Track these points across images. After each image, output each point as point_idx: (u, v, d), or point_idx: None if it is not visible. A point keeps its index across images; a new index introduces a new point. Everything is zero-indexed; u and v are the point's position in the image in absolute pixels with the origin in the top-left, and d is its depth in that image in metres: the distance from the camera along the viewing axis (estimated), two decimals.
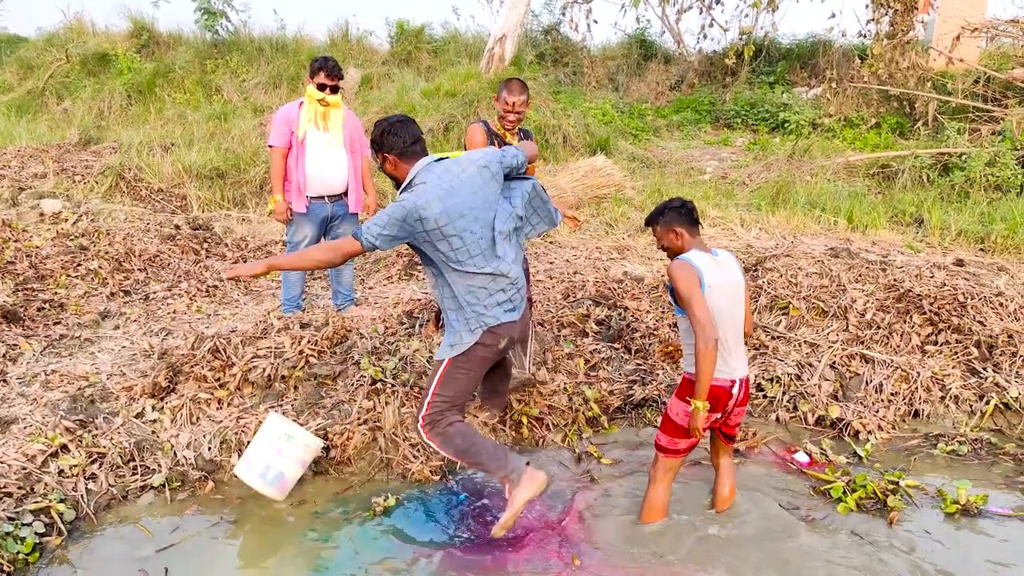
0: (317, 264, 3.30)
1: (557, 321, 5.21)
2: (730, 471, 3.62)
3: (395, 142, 3.26)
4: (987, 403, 4.55)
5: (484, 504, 3.75)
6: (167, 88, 11.82)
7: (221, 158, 8.72)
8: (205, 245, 7.13)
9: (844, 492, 3.75)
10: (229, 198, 8.42)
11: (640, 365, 4.94)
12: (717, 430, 3.49)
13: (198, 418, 4.13)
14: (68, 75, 12.55)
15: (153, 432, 4.03)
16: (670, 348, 3.97)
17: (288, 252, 5.35)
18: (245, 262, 6.90)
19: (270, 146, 5.04)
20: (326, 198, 5.15)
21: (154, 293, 6.13)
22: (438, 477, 3.93)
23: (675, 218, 3.27)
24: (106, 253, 6.56)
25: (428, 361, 4.57)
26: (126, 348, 4.97)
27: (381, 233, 3.11)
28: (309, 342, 4.60)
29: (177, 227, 7.39)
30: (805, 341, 4.99)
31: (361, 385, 4.33)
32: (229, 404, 4.23)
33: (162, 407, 4.18)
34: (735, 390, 3.25)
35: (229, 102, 11.37)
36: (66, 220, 7.08)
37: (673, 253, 3.33)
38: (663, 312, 5.39)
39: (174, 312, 5.77)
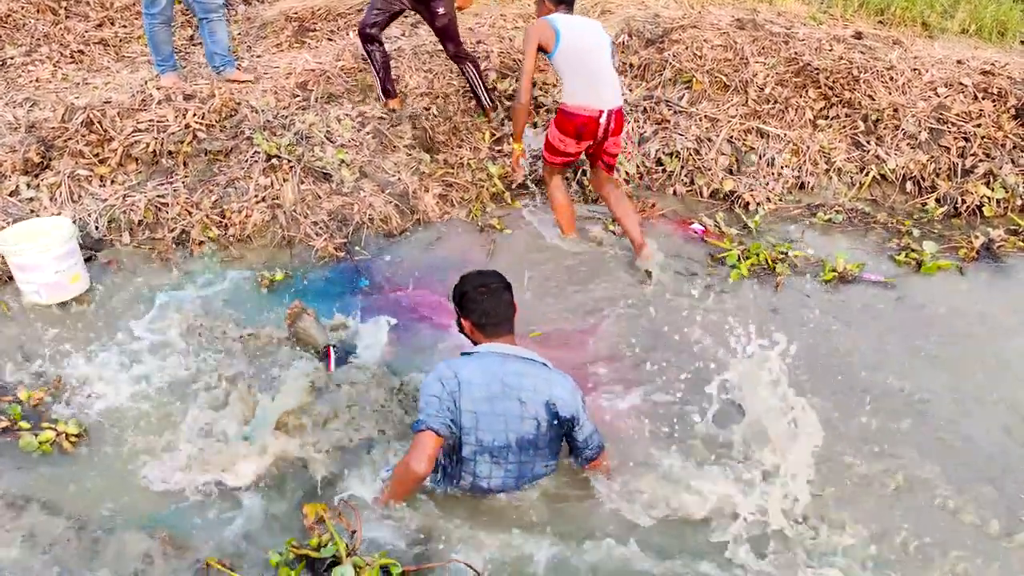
0: (416, 477, 2.40)
1: (462, 93, 5.03)
2: (621, 202, 3.98)
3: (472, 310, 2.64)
4: (866, 175, 4.83)
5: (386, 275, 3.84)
6: None
7: None
8: (64, 4, 6.31)
9: (738, 259, 4.00)
10: None
11: None
12: (598, 160, 3.94)
13: (80, 196, 3.90)
14: None
15: (32, 211, 3.80)
16: None
17: (145, 14, 4.75)
18: (112, 23, 6.18)
19: None
20: None
21: (11, 59, 5.48)
22: (342, 254, 3.94)
23: None
24: None
25: (326, 136, 4.39)
26: None
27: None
28: (195, 115, 4.30)
29: None
30: (706, 116, 5.04)
31: (256, 161, 4.14)
32: (113, 181, 4.00)
33: (38, 184, 3.92)
34: (602, 119, 3.73)
35: None
36: None
37: None
38: None
39: (37, 80, 5.21)
